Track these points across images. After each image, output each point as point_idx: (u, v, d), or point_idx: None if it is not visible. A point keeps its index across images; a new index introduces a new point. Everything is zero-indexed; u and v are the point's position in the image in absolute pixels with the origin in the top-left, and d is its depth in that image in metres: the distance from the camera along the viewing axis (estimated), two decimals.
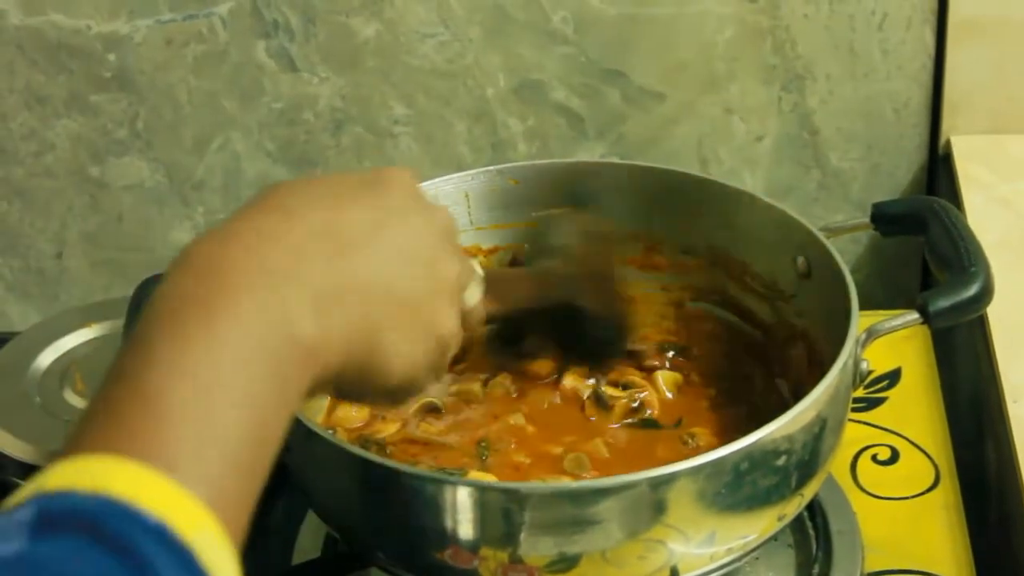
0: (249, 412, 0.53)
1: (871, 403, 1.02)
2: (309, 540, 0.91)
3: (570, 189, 0.95)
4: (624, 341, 0.91)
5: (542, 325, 0.89)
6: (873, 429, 0.99)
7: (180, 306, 0.54)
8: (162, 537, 0.46)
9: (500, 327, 0.89)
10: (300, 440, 0.73)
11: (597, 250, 0.91)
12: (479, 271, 0.75)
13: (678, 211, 0.94)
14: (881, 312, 0.90)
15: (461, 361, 0.92)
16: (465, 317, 0.71)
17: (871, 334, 0.80)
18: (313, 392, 0.58)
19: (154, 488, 0.47)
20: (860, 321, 0.79)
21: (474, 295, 0.73)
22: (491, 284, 0.76)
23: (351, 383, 0.62)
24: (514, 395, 0.91)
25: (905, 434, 0.99)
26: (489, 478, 0.81)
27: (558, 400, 0.90)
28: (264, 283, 0.56)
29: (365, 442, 0.86)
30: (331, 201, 0.62)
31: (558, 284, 0.87)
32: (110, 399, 0.51)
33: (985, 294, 0.81)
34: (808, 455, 0.75)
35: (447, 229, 0.69)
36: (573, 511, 0.70)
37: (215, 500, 0.49)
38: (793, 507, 0.77)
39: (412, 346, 0.64)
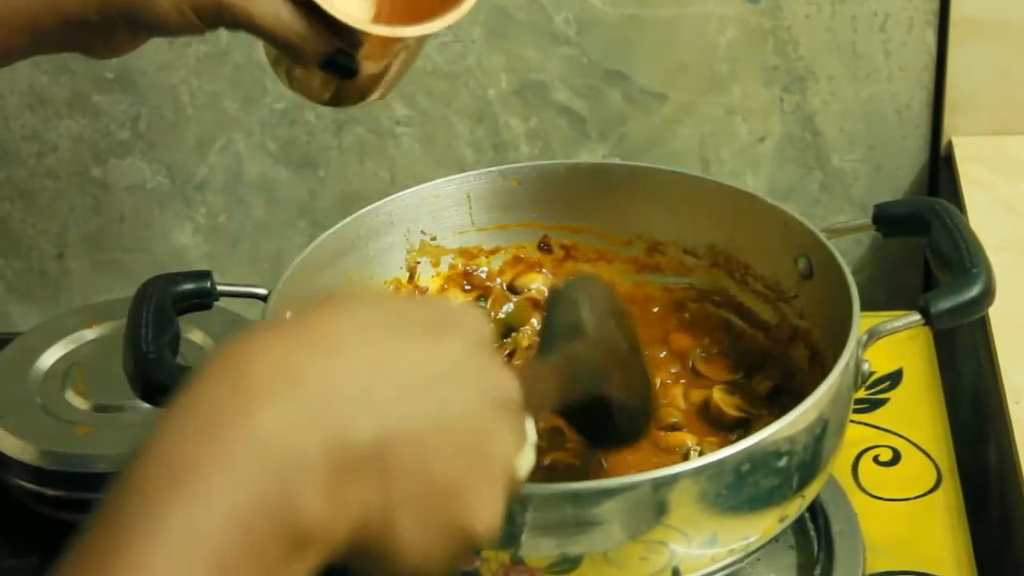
0: None
1: (873, 404, 1.02)
2: None
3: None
4: (648, 427, 0.82)
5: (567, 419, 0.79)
6: (874, 430, 0.99)
7: (151, 471, 0.47)
8: None
9: None
10: None
11: (619, 325, 0.80)
12: (532, 435, 0.61)
13: (680, 212, 0.94)
14: (883, 313, 0.90)
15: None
16: (514, 489, 0.58)
17: (873, 335, 0.80)
18: None
19: None
20: (862, 322, 0.79)
21: (526, 462, 0.60)
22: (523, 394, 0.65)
23: (355, 567, 0.53)
24: None
25: (906, 435, 0.99)
26: None
27: None
28: (262, 445, 0.47)
29: None
30: (382, 334, 0.53)
31: (584, 377, 0.75)
32: None
33: (987, 295, 0.81)
34: (810, 456, 0.75)
35: (508, 397, 0.57)
36: (575, 512, 0.70)
37: None
38: (795, 508, 0.77)
39: (430, 536, 0.53)
